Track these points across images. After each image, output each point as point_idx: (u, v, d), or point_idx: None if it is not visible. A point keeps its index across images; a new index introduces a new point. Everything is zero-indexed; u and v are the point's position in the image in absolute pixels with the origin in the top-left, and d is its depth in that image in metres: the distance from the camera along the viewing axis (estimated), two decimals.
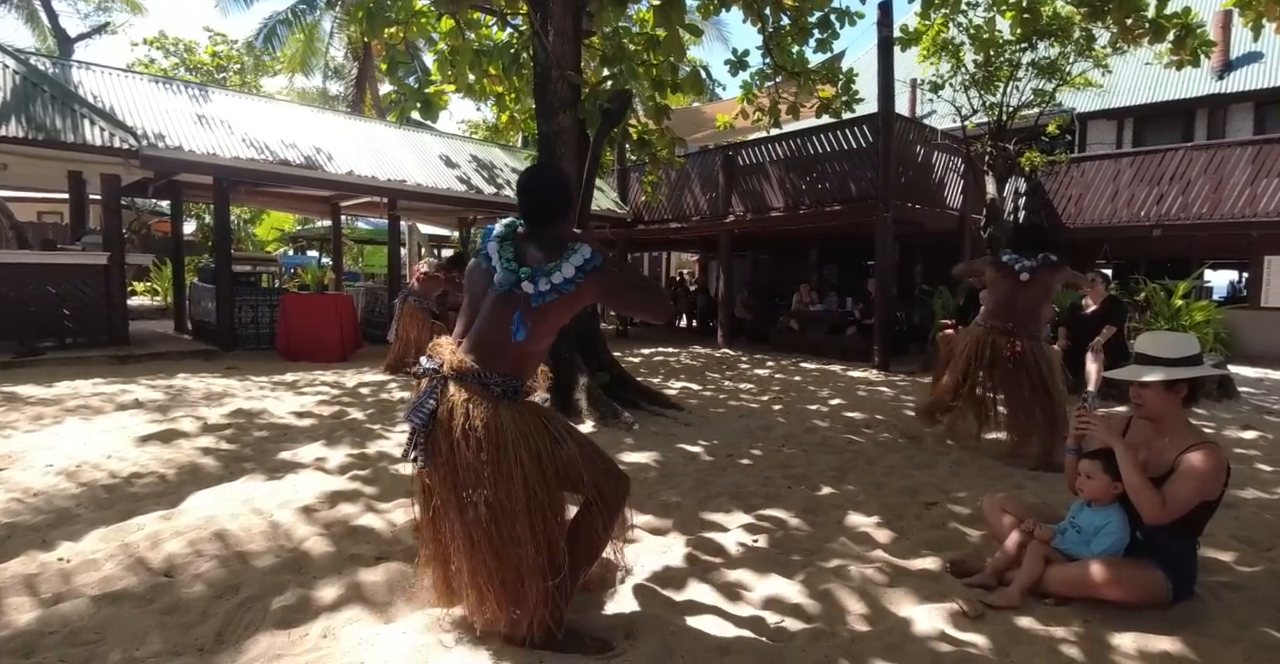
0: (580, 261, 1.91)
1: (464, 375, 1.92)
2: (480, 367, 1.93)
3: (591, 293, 1.98)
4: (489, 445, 1.84)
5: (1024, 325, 4.26)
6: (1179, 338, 2.43)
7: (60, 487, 3.26)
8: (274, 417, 4.93)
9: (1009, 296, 4.27)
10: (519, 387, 1.99)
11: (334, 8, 18.86)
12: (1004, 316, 4.30)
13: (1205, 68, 12.29)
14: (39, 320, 7.53)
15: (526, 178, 2.08)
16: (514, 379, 1.96)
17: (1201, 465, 2.19)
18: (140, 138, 7.81)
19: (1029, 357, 4.20)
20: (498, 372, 1.93)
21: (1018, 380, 4.23)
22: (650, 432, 4.81)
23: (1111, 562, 2.27)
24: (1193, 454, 2.22)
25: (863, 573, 2.54)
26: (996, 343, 4.27)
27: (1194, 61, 6.17)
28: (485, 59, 6.28)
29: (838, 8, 6.76)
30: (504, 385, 1.94)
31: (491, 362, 1.93)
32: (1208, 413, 6.01)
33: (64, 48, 18.26)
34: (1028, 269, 4.19)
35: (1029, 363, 4.19)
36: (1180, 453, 2.26)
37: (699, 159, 11.72)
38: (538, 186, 2.04)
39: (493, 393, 1.91)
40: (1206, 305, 9.79)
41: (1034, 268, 4.19)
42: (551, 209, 2.04)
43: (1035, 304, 4.27)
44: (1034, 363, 4.19)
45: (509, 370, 1.95)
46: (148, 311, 12.95)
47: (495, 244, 2.01)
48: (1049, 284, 4.28)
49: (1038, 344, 4.28)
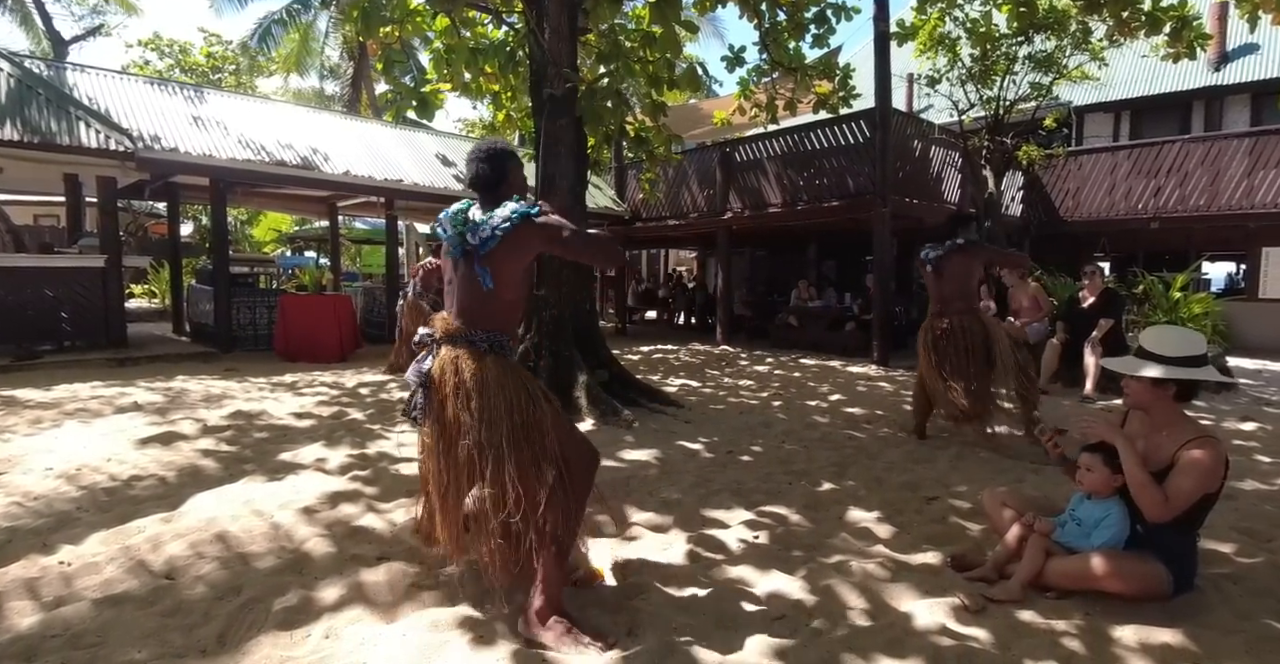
0: (509, 211, 2.08)
1: (453, 336, 2.14)
2: (465, 326, 2.14)
3: (535, 239, 2.13)
4: (475, 393, 2.04)
5: (949, 304, 4.51)
6: (1183, 336, 2.39)
7: (60, 490, 3.26)
8: (273, 418, 4.93)
9: (934, 286, 4.61)
10: (504, 341, 2.19)
11: (329, 7, 18.79)
12: (936, 303, 4.61)
13: (1201, 60, 12.29)
14: (37, 324, 7.52)
15: (470, 152, 2.32)
16: (498, 334, 2.16)
17: (1202, 459, 2.19)
18: (136, 140, 7.79)
19: (957, 328, 4.42)
20: (481, 328, 2.14)
21: (964, 352, 4.44)
22: (650, 429, 4.82)
23: (1112, 554, 2.27)
24: (1193, 450, 2.22)
25: (864, 568, 2.54)
26: (933, 327, 4.54)
27: (1190, 54, 6.17)
28: (481, 57, 6.27)
29: (834, 3, 6.75)
30: (489, 340, 2.14)
31: (473, 320, 2.15)
32: (1207, 405, 6.02)
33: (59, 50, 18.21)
34: (930, 260, 4.57)
35: (962, 332, 4.41)
36: (1179, 448, 2.26)
37: (696, 156, 11.70)
38: (471, 157, 2.28)
39: (479, 349, 2.12)
40: (1204, 297, 9.79)
41: (939, 256, 4.52)
42: (485, 174, 2.24)
43: (957, 285, 4.52)
44: (968, 331, 4.41)
45: (493, 327, 2.15)
46: (145, 314, 12.93)
47: (447, 217, 2.22)
48: (963, 267, 4.51)
49: (967, 317, 4.47)
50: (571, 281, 5.55)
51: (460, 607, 2.16)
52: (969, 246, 4.52)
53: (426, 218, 14.46)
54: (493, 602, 2.14)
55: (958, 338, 4.43)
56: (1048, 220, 11.96)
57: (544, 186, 5.60)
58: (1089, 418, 2.46)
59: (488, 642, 1.98)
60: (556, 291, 5.47)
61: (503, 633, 2.04)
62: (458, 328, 2.14)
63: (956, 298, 4.52)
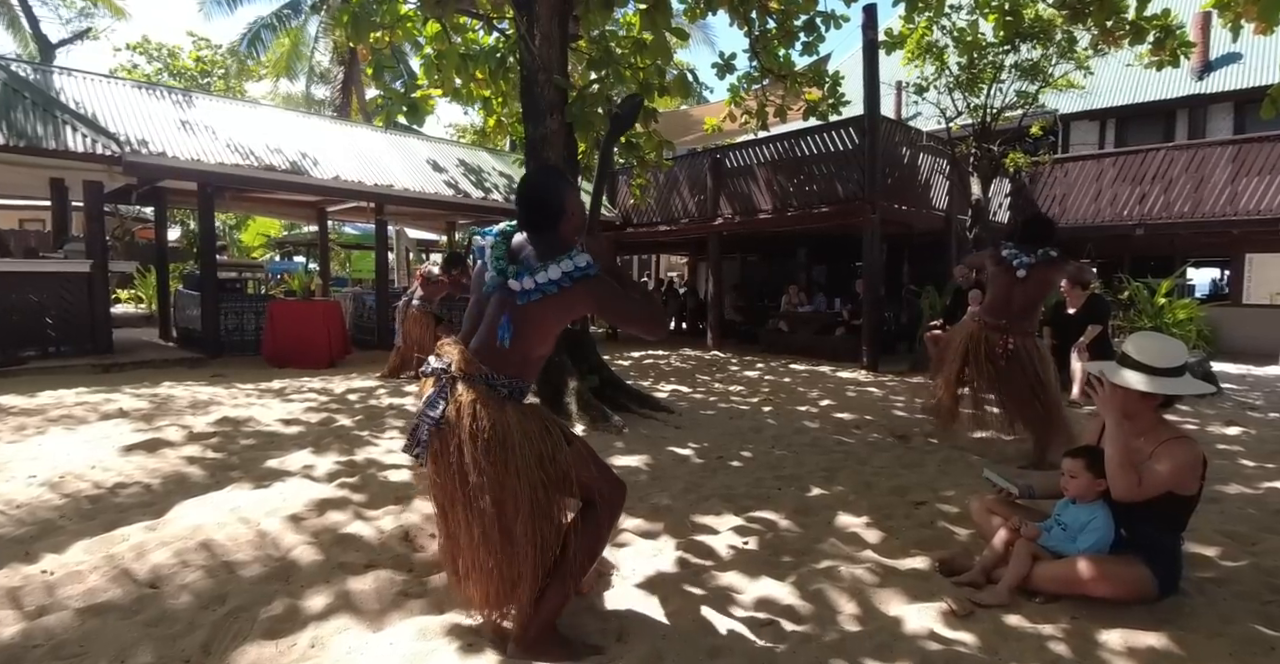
0: (570, 267, 1.90)
1: (472, 376, 1.93)
2: (488, 368, 1.94)
3: (585, 302, 1.98)
4: (495, 445, 1.85)
5: (1019, 322, 4.21)
6: (1167, 345, 2.40)
7: (44, 498, 3.22)
8: (261, 424, 4.89)
9: (1006, 293, 4.22)
10: (525, 389, 2.01)
11: (319, 12, 18.77)
12: (999, 312, 4.24)
13: (1185, 69, 12.46)
14: (21, 329, 7.44)
15: (520, 187, 2.10)
16: (520, 382, 1.99)
17: (1178, 450, 2.24)
18: (123, 144, 7.75)
19: (1022, 353, 4.16)
20: (505, 373, 1.95)
21: (1012, 378, 4.20)
22: (640, 434, 4.81)
23: (1097, 558, 2.29)
24: (1167, 448, 2.26)
25: (853, 573, 2.55)
26: (990, 340, 4.22)
27: (1174, 62, 6.26)
28: (472, 63, 6.28)
29: (823, 11, 6.80)
30: (510, 387, 1.96)
31: (498, 364, 1.95)
32: (1191, 409, 6.08)
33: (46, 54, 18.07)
34: (1025, 266, 4.13)
35: (1023, 360, 4.16)
36: (1156, 446, 2.30)
37: (687, 161, 11.75)
38: (526, 194, 2.05)
39: (500, 394, 1.94)
40: (1189, 303, 9.91)
41: (1031, 265, 4.13)
42: (541, 215, 2.02)
43: (1032, 301, 4.23)
44: (1028, 360, 4.16)
45: (515, 373, 1.98)
46: (132, 319, 12.81)
47: (490, 242, 2.02)
48: (1047, 280, 4.23)
49: (1031, 340, 4.24)
50: None
51: (448, 614, 2.15)
52: (1061, 261, 4.16)
53: (416, 223, 14.47)
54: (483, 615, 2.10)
55: (1024, 363, 4.11)
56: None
57: None
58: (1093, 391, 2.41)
59: (476, 650, 1.97)
60: None
61: (491, 641, 2.03)
62: (478, 369, 1.93)
63: (1026, 316, 4.20)
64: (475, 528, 1.91)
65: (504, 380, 1.95)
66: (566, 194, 2.04)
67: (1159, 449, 2.27)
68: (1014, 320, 4.20)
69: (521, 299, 1.92)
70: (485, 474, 1.85)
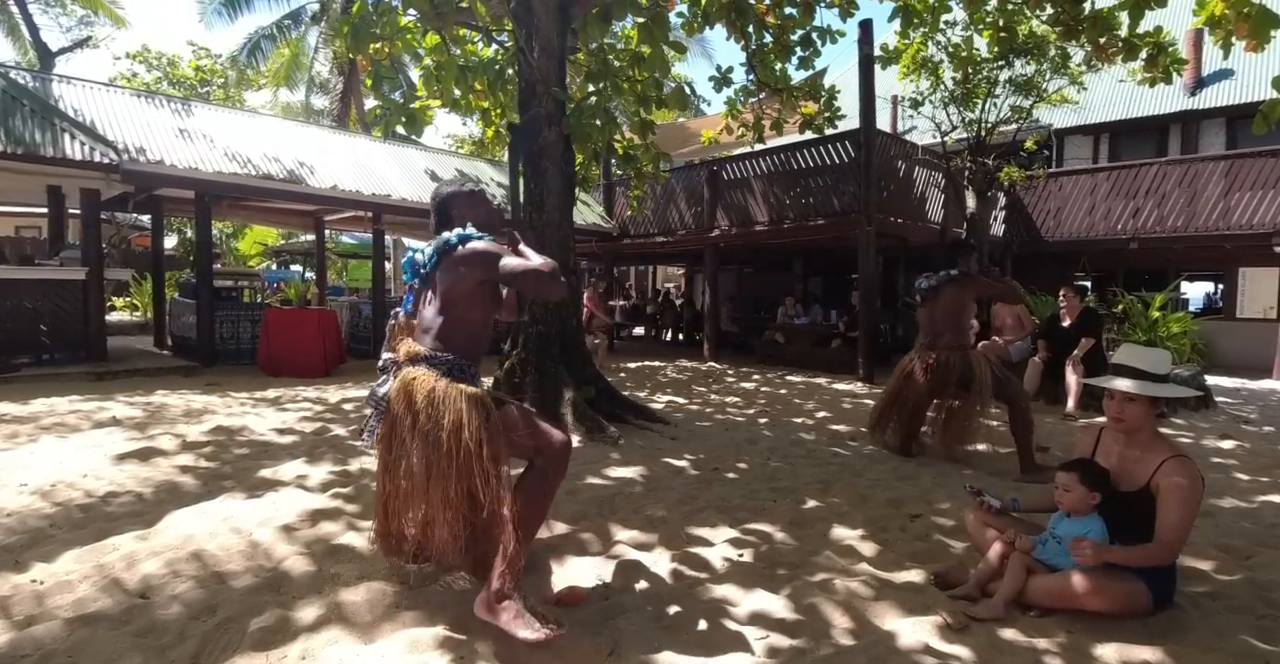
0: (456, 234, 2.30)
1: (414, 359, 2.27)
2: (428, 349, 2.28)
3: (472, 260, 2.27)
4: (426, 409, 2.13)
5: (940, 336, 4.50)
6: (1153, 353, 2.48)
7: (35, 506, 3.20)
8: (254, 433, 4.87)
9: (927, 315, 4.62)
10: (467, 368, 2.30)
11: (320, 23, 18.86)
12: (926, 334, 4.60)
13: (1178, 84, 12.60)
14: (16, 337, 7.41)
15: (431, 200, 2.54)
16: (461, 359, 2.29)
17: (1184, 485, 2.24)
18: (121, 152, 7.75)
19: (946, 366, 4.40)
20: (445, 351, 2.28)
21: (945, 388, 4.45)
22: (636, 445, 4.81)
23: (1092, 572, 2.29)
24: (1171, 477, 2.26)
25: (848, 586, 2.54)
26: (923, 359, 4.51)
27: (1166, 78, 6.31)
28: (470, 74, 6.32)
29: (819, 26, 6.87)
30: (451, 364, 2.26)
31: (435, 343, 2.29)
32: (1186, 423, 6.09)
33: (45, 61, 18.12)
34: (923, 290, 4.59)
35: (949, 370, 4.39)
36: (1155, 469, 2.30)
37: (684, 173, 11.81)
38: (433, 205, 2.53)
39: (439, 370, 2.23)
40: (1183, 317, 9.96)
41: (933, 287, 4.54)
42: (439, 218, 2.49)
43: (948, 317, 4.52)
44: (955, 369, 4.38)
45: (456, 351, 2.29)
46: (127, 327, 12.78)
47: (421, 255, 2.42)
48: (956, 299, 4.51)
49: (958, 352, 4.45)
50: None
51: (439, 627, 2.13)
52: (963, 278, 4.48)
53: (414, 233, 14.45)
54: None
55: (941, 373, 4.40)
56: (1029, 240, 12.15)
57: (531, 203, 5.62)
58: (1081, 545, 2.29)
59: (468, 662, 1.96)
60: (542, 308, 5.47)
61: (484, 654, 2.01)
62: (419, 352, 2.28)
63: (947, 330, 4.49)
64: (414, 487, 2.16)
65: (446, 357, 2.26)
66: (448, 206, 2.48)
67: (1160, 483, 2.28)
68: (936, 337, 4.51)
69: (427, 267, 2.32)
70: (419, 438, 2.13)
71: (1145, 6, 5.23)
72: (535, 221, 5.57)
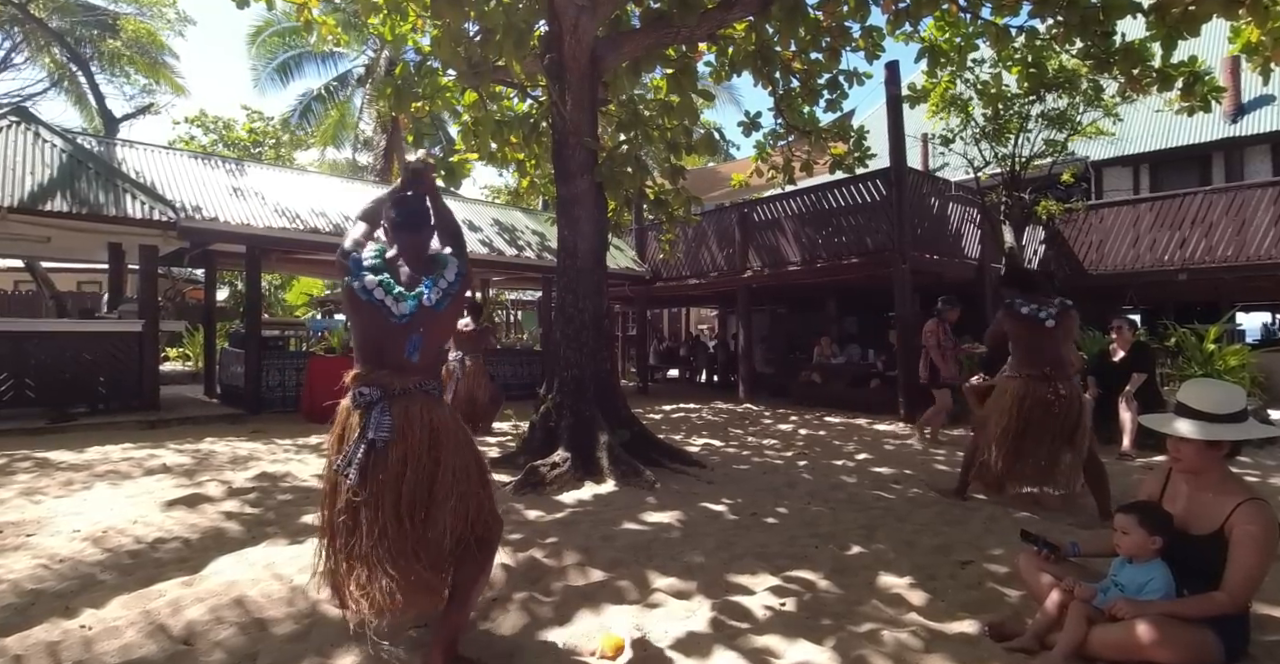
0: (458, 267, 2.35)
1: (409, 391, 2.22)
2: (419, 379, 2.26)
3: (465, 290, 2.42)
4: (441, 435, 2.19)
5: (1060, 367, 4.23)
6: (1225, 391, 2.34)
7: (86, 552, 3.28)
8: (297, 479, 4.95)
9: (1036, 344, 4.26)
10: (437, 386, 2.37)
11: (365, 84, 19.83)
12: (1037, 364, 4.24)
13: (1218, 112, 12.40)
14: (74, 386, 7.74)
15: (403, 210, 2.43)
16: (436, 382, 2.37)
17: (1258, 533, 2.12)
18: (178, 210, 8.17)
19: (1070, 402, 4.15)
20: (430, 379, 2.32)
21: (1065, 426, 4.16)
22: (672, 490, 4.74)
23: (1159, 621, 2.15)
24: (1246, 525, 2.14)
25: (896, 638, 2.43)
26: (1038, 391, 4.20)
27: (1205, 107, 6.22)
28: (506, 128, 6.56)
29: (845, 69, 6.99)
30: (434, 387, 2.33)
31: (421, 374, 2.29)
32: (1251, 460, 5.79)
33: (110, 127, 19.29)
34: (1052, 317, 4.21)
35: (1069, 409, 4.15)
36: (1227, 515, 2.18)
37: (715, 216, 11.92)
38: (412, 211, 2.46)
39: (432, 397, 2.29)
40: (1240, 349, 9.54)
41: (1056, 314, 4.23)
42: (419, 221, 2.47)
43: (1060, 349, 4.27)
44: (1072, 409, 4.15)
45: (434, 375, 2.38)
46: (179, 376, 13.22)
47: (374, 279, 2.20)
48: (1070, 328, 4.31)
49: (1074, 385, 4.24)
50: (592, 342, 5.60)
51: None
52: (1074, 310, 4.29)
53: None
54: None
55: (1069, 412, 4.13)
56: (1072, 273, 11.88)
57: (565, 250, 5.72)
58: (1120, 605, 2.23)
59: None
60: (577, 352, 5.51)
61: None
62: (409, 385, 2.23)
63: (1061, 365, 4.23)
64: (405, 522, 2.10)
65: (432, 385, 2.31)
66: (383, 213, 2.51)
67: (1234, 530, 2.16)
68: (1055, 369, 4.21)
69: (439, 307, 2.25)
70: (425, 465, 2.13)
71: (1178, 36, 5.19)
72: (569, 268, 5.66)
